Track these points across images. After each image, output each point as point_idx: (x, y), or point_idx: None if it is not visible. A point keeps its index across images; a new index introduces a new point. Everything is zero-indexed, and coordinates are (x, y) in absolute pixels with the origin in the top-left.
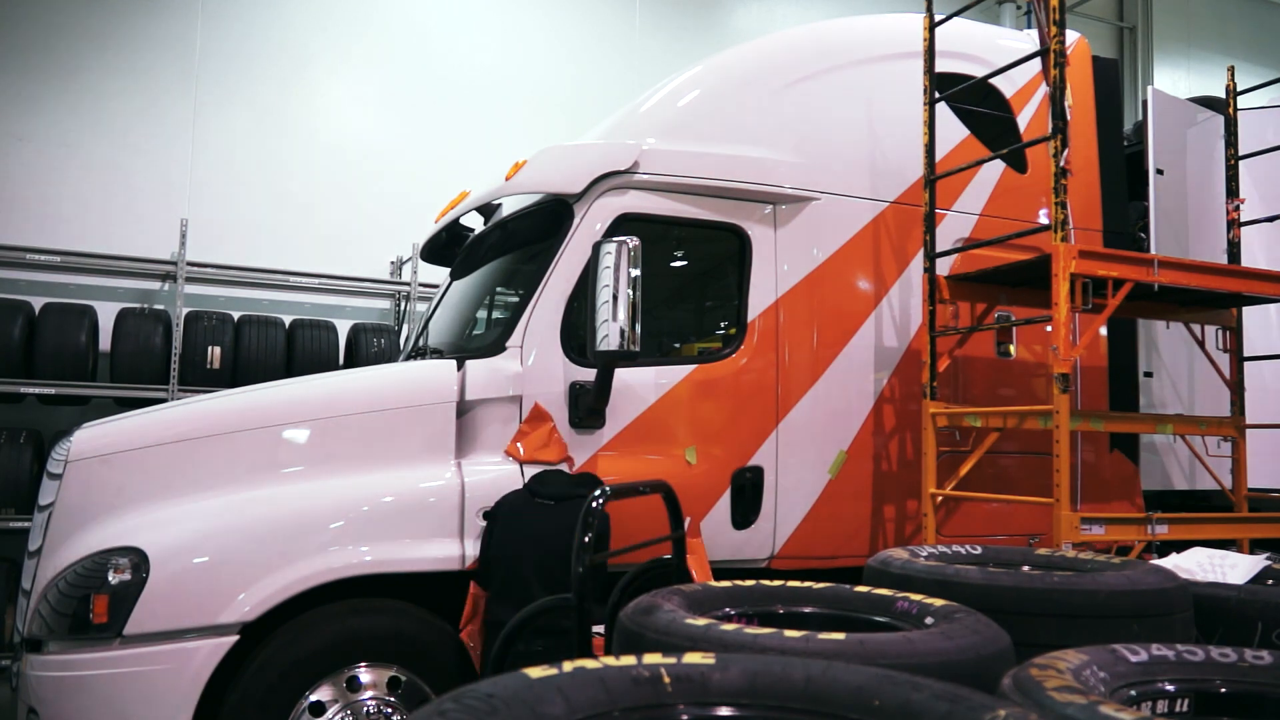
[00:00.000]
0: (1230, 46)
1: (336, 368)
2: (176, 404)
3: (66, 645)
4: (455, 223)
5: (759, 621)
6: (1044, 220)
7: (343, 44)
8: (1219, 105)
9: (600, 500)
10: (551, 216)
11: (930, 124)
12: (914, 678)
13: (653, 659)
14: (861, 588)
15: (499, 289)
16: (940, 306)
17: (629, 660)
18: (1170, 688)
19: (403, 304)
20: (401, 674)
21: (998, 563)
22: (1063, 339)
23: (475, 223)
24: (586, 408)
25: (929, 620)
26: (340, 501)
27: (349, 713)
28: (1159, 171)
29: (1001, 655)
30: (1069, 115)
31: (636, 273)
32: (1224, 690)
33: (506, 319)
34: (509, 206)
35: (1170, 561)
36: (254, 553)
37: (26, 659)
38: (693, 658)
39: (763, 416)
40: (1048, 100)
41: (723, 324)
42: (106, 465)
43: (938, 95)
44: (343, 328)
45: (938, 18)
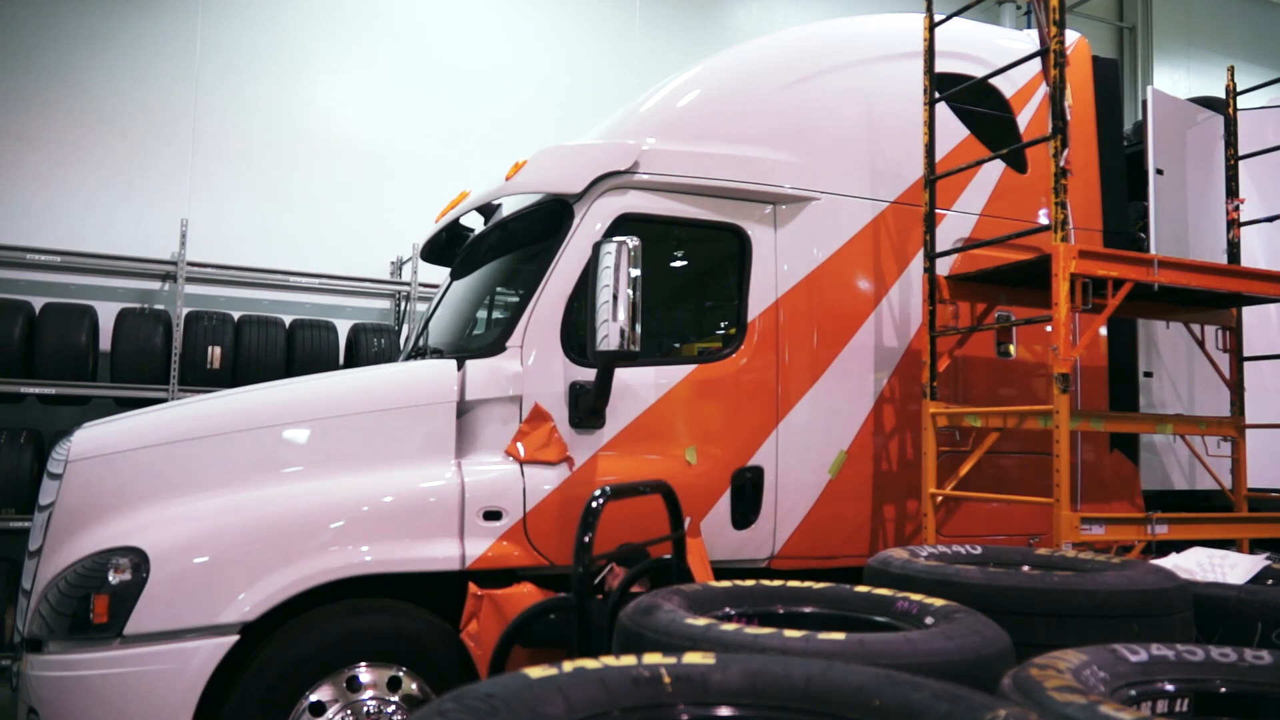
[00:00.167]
0: (1230, 46)
1: (336, 368)
2: (177, 404)
3: (67, 645)
4: (455, 223)
5: (759, 621)
6: (1044, 220)
7: (342, 44)
8: (1219, 105)
9: (600, 500)
10: (551, 216)
11: (930, 124)
12: (914, 678)
13: (653, 659)
14: (861, 588)
15: (499, 289)
16: (940, 306)
17: (629, 660)
18: (1170, 688)
19: (403, 304)
20: (401, 674)
21: (998, 563)
22: (1063, 339)
23: (475, 223)
24: (586, 408)
25: (929, 620)
26: (340, 501)
27: (349, 713)
28: (1159, 171)
29: (1001, 655)
30: (1069, 115)
31: (636, 273)
32: (1224, 690)
33: (506, 319)
34: (509, 206)
35: (1170, 561)
36: (254, 553)
37: (26, 659)
38: (693, 658)
39: (763, 416)
40: (1048, 100)
41: (723, 324)
42: (107, 465)
43: (938, 95)
44: (343, 328)
45: (938, 18)
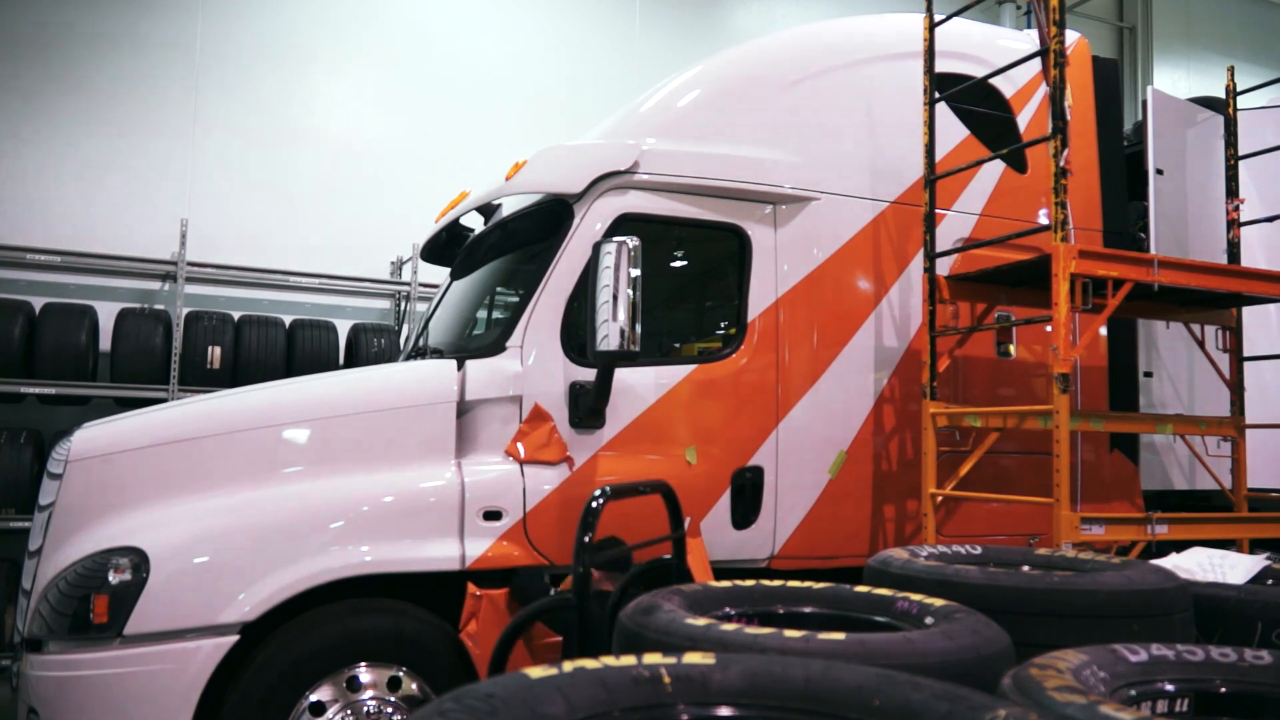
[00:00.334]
0: (1230, 46)
1: (337, 368)
2: (177, 404)
3: (67, 645)
4: (455, 223)
5: (759, 621)
6: (1044, 220)
7: (342, 44)
8: (1219, 105)
9: (600, 500)
10: (551, 216)
11: (930, 124)
12: (914, 678)
13: (653, 659)
14: (861, 588)
15: (499, 289)
16: (940, 306)
17: (629, 660)
18: (1170, 688)
19: (403, 304)
20: (401, 674)
21: (998, 563)
22: (1063, 339)
23: (475, 223)
24: (586, 408)
25: (929, 620)
26: (340, 501)
27: (349, 713)
28: (1159, 171)
29: (1001, 655)
30: (1069, 115)
31: (636, 273)
32: (1224, 690)
33: (506, 319)
34: (509, 206)
35: (1170, 561)
36: (254, 553)
37: (26, 659)
38: (693, 658)
39: (763, 416)
40: (1048, 100)
41: (723, 324)
42: (107, 465)
43: (938, 95)
44: (343, 328)
45: (938, 18)
